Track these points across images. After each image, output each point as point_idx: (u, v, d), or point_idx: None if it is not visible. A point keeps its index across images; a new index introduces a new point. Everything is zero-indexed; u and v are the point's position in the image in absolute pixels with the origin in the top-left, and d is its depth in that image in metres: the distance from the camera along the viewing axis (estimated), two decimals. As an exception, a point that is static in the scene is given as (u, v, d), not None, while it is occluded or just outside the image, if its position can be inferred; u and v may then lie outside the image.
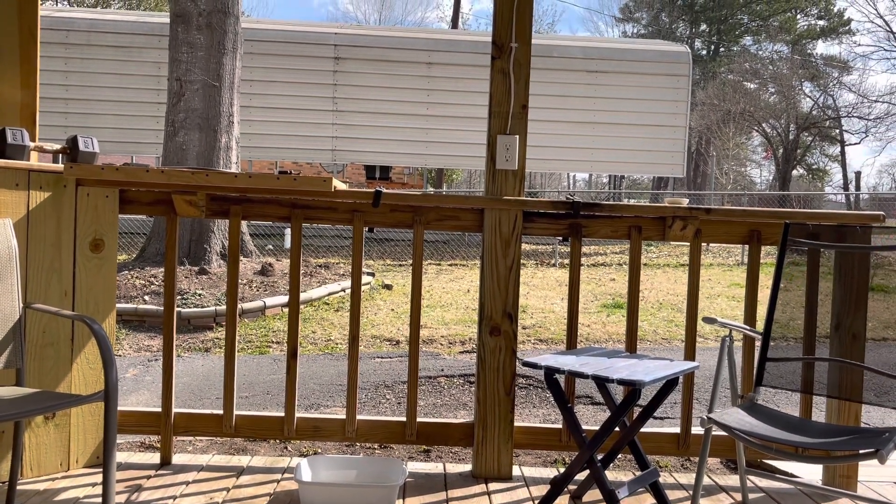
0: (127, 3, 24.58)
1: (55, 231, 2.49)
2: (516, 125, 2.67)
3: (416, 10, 56.33)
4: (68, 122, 11.97)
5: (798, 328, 2.45)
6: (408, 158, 13.74)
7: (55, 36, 11.91)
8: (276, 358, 5.57)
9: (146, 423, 2.72)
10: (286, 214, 2.68)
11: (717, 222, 2.72)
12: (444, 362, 5.57)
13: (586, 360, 2.20)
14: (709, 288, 9.67)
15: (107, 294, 2.60)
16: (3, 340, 2.12)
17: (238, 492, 2.46)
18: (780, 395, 4.63)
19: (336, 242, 13.23)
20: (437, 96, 12.98)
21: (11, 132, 2.43)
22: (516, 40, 2.64)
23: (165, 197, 2.64)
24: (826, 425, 2.20)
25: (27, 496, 2.34)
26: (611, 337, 6.55)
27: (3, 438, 2.42)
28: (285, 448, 3.38)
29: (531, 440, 2.77)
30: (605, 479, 2.10)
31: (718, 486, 2.69)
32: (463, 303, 8.13)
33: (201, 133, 8.26)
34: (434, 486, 2.59)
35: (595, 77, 13.19)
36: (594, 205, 2.69)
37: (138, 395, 4.55)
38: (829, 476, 2.70)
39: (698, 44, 33.56)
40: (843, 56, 34.94)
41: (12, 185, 2.39)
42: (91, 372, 2.58)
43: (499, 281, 2.66)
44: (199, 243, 8.28)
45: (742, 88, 27.17)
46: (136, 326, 6.43)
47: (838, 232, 2.50)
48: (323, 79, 12.81)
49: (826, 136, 28.52)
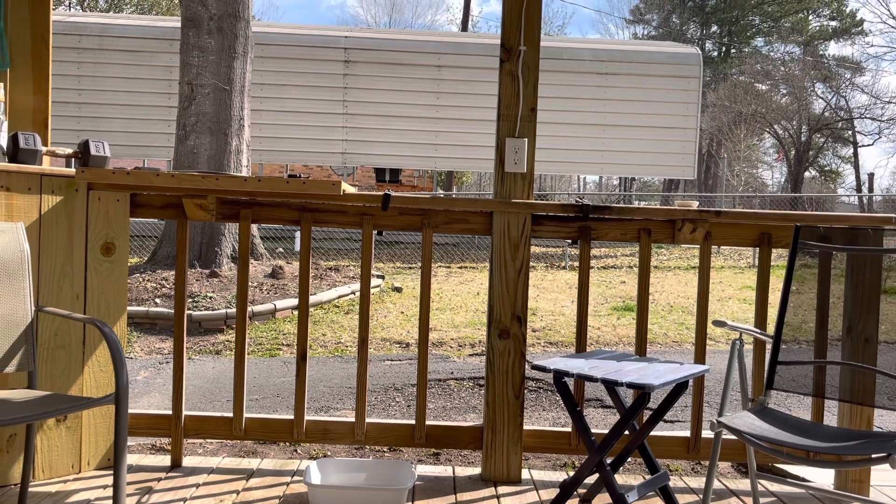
0: (138, 7, 24.75)
1: (67, 235, 2.51)
2: (525, 128, 2.67)
3: (425, 13, 56.48)
4: (80, 127, 12.06)
5: (809, 331, 2.43)
6: (417, 161, 13.75)
7: (67, 41, 12.01)
8: (286, 360, 5.58)
9: (157, 425, 2.74)
10: (296, 218, 2.69)
11: (727, 225, 2.71)
12: (453, 365, 5.56)
13: (596, 364, 2.19)
14: (719, 291, 9.62)
15: (118, 297, 2.62)
16: (16, 343, 2.13)
17: (248, 494, 2.47)
18: (791, 399, 4.60)
19: (346, 245, 13.25)
20: (447, 99, 12.99)
21: (24, 137, 2.46)
22: (525, 43, 2.64)
23: (176, 200, 2.66)
24: (838, 429, 2.19)
25: (39, 498, 2.35)
26: (620, 340, 6.52)
27: (15, 441, 2.44)
28: (295, 451, 3.38)
29: (540, 443, 2.77)
30: (615, 482, 2.09)
31: (729, 490, 2.67)
32: (472, 305, 8.12)
33: (212, 137, 8.30)
34: (443, 489, 2.58)
35: (605, 79, 13.16)
36: (603, 207, 2.69)
37: (149, 397, 4.58)
38: (841, 480, 2.68)
39: (709, 45, 33.41)
40: (856, 57, 34.67)
41: (25, 189, 2.42)
42: (102, 375, 2.59)
43: (508, 284, 2.66)
44: (210, 246, 8.31)
45: (753, 90, 27.05)
46: (148, 329, 6.46)
47: (850, 234, 2.48)
48: (333, 82, 12.84)
49: (838, 137, 28.35)
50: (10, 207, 2.38)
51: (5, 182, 2.37)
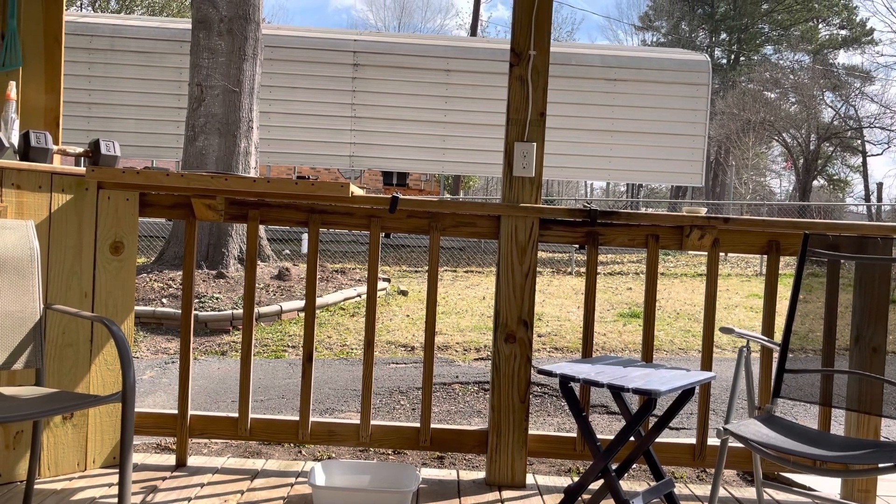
0: (150, 9, 24.88)
1: (76, 233, 2.52)
2: (534, 132, 2.67)
3: (435, 18, 56.53)
4: (91, 126, 12.13)
5: (817, 340, 2.42)
6: (425, 165, 13.77)
7: (79, 41, 12.08)
8: (292, 362, 5.59)
9: (162, 424, 2.75)
10: (304, 219, 2.70)
11: (735, 232, 2.70)
12: (458, 369, 5.56)
13: (602, 369, 2.19)
14: (726, 298, 9.59)
15: (126, 296, 2.63)
16: (24, 340, 2.14)
17: (252, 495, 2.47)
18: (797, 408, 4.58)
19: (352, 248, 13.27)
20: (455, 103, 13.01)
21: (35, 135, 2.47)
22: (534, 48, 2.65)
23: (185, 201, 2.67)
24: (845, 438, 2.17)
25: (44, 495, 2.36)
26: (626, 346, 6.51)
27: (21, 438, 2.45)
28: (300, 452, 3.39)
29: (545, 448, 2.76)
30: (620, 489, 2.09)
31: (735, 498, 2.66)
32: (478, 310, 8.12)
33: (221, 138, 8.33)
34: (447, 492, 2.58)
35: (613, 85, 13.16)
36: (611, 213, 2.69)
37: (155, 396, 4.59)
38: (848, 490, 2.66)
39: (718, 53, 33.36)
40: (866, 66, 34.56)
41: (35, 187, 2.43)
42: (109, 373, 2.60)
43: (515, 288, 2.66)
44: (217, 247, 8.34)
45: (762, 98, 26.98)
46: (154, 329, 6.48)
47: (859, 243, 2.47)
48: (342, 85, 12.88)
49: (847, 146, 28.24)
50: (20, 205, 2.40)
51: (16, 180, 2.39)
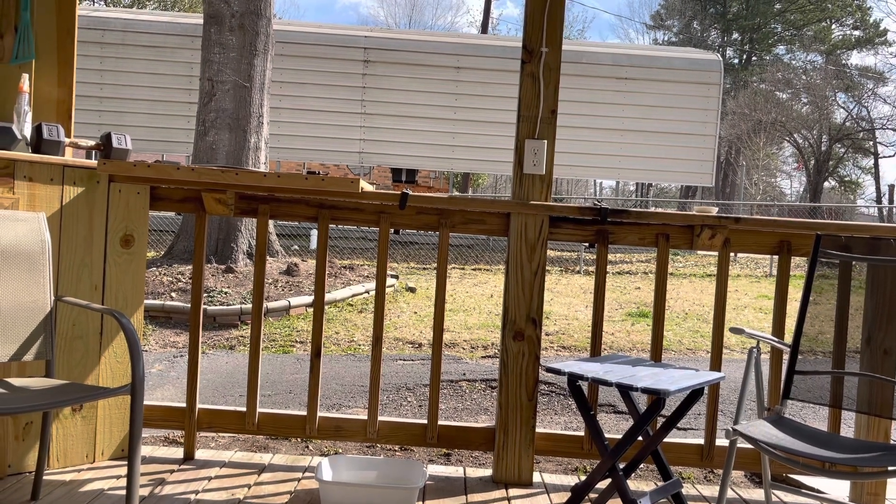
0: (161, 3, 24.96)
1: (87, 226, 2.53)
2: (545, 130, 2.66)
3: (445, 15, 56.43)
4: (102, 120, 12.19)
5: (827, 341, 2.41)
6: (434, 162, 13.76)
7: (91, 35, 12.14)
8: (300, 357, 5.60)
9: (171, 417, 2.76)
10: (313, 214, 2.70)
11: (746, 232, 2.69)
12: (465, 366, 5.56)
13: (610, 368, 2.18)
14: (735, 299, 9.55)
15: (135, 289, 2.64)
16: (35, 332, 2.16)
17: (259, 489, 2.48)
18: (807, 410, 4.55)
19: (361, 244, 13.28)
20: (465, 101, 13.00)
21: (48, 128, 2.48)
22: (547, 45, 2.64)
23: (195, 195, 2.67)
24: (854, 441, 2.16)
25: (53, 486, 2.37)
26: (635, 346, 6.49)
27: (31, 429, 2.46)
28: (306, 447, 3.39)
29: (552, 447, 2.76)
30: (627, 488, 2.08)
31: (742, 499, 2.65)
32: (486, 307, 8.11)
33: (231, 133, 8.35)
34: (454, 489, 2.58)
35: (624, 84, 13.11)
36: (621, 211, 2.68)
37: (163, 390, 4.61)
38: (857, 493, 2.65)
39: (730, 52, 33.19)
40: (879, 67, 34.33)
41: (47, 179, 2.44)
42: (118, 365, 2.61)
43: (523, 286, 2.65)
44: (227, 242, 8.36)
45: (774, 98, 26.83)
46: (163, 322, 6.51)
47: (871, 244, 2.45)
48: (352, 81, 12.89)
49: (859, 147, 28.05)
50: (32, 197, 2.41)
51: (28, 172, 2.40)
